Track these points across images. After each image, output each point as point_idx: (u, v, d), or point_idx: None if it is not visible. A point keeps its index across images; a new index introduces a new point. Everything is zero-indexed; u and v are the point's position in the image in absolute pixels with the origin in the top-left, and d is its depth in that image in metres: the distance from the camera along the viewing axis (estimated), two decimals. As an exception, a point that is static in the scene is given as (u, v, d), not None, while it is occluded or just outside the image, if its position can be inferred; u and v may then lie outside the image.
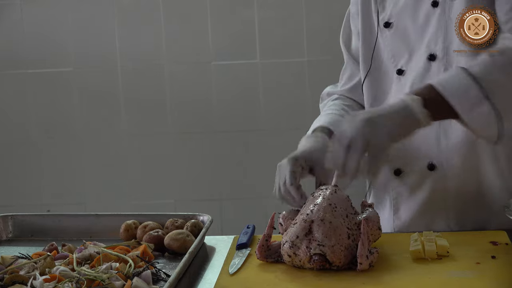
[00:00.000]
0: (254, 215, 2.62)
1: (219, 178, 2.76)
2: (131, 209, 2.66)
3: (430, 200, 1.42)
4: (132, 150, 2.75)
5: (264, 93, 2.71)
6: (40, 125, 2.76)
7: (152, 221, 1.41)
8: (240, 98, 2.72)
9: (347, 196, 1.26)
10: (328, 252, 1.16)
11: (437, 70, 1.36)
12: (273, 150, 2.74)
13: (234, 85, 2.71)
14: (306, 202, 1.27)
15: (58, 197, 2.78)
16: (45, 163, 2.77)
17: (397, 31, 1.41)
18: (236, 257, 1.26)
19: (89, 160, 2.76)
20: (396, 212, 1.46)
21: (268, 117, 2.72)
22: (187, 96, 2.72)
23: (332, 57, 2.58)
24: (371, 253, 1.18)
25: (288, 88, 2.69)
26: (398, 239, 1.31)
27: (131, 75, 2.71)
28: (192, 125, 2.74)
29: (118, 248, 1.30)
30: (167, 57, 2.70)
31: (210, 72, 2.71)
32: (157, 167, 2.76)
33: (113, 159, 2.76)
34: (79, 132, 2.75)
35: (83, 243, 1.33)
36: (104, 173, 2.77)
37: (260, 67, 2.69)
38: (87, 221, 1.47)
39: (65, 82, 2.72)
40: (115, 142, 2.75)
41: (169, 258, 1.33)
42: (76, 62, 2.71)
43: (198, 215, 1.44)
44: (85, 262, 1.24)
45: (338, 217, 1.20)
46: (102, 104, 2.73)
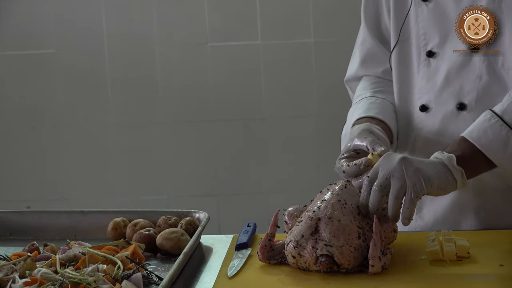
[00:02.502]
0: (255, 212, 2.63)
1: (216, 171, 2.76)
2: (120, 205, 2.66)
3: (457, 200, 1.42)
4: (121, 141, 2.75)
5: (266, 77, 2.70)
6: (19, 113, 2.76)
7: (143, 219, 1.41)
8: (239, 83, 2.71)
9: (358, 192, 1.26)
10: (336, 253, 1.16)
11: (479, 64, 1.37)
12: (276, 140, 2.75)
13: (232, 69, 2.70)
14: (313, 199, 1.26)
15: (39, 192, 2.78)
16: (25, 154, 2.77)
17: (436, 8, 1.40)
18: (235, 258, 1.26)
19: (74, 152, 2.76)
20: (419, 211, 1.47)
21: (271, 104, 2.72)
22: (181, 81, 2.72)
23: (341, 39, 2.57)
24: (384, 254, 1.18)
25: (293, 72, 2.68)
26: (414, 239, 1.31)
27: (119, 59, 2.71)
28: (186, 113, 2.74)
29: (106, 248, 1.29)
30: (158, 38, 2.70)
31: (205, 54, 2.70)
32: (148, 159, 2.77)
33: (100, 150, 2.76)
34: (63, 121, 2.75)
35: (67, 242, 1.33)
36: (90, 165, 2.77)
37: (261, 49, 2.69)
38: (71, 219, 1.46)
39: (47, 65, 2.72)
40: (102, 131, 2.75)
41: (161, 259, 1.32)
42: (59, 44, 2.71)
43: (194, 212, 1.44)
44: (69, 264, 1.24)
45: (347, 215, 1.19)
46: (88, 90, 2.73)
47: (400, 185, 1.18)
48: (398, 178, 1.18)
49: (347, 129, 1.45)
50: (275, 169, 2.74)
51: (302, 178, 2.72)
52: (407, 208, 1.18)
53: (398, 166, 1.18)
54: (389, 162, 1.20)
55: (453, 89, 1.40)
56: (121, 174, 2.76)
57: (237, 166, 2.75)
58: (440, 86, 1.41)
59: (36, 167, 2.78)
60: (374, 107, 1.45)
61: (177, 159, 2.75)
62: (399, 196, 1.19)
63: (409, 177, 1.18)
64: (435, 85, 1.42)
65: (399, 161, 1.19)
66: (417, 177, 1.18)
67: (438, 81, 1.41)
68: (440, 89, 1.41)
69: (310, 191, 1.45)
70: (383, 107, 1.45)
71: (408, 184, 1.18)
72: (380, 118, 1.41)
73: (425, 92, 1.44)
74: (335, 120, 2.66)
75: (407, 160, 1.20)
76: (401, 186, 1.18)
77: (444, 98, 1.41)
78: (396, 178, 1.18)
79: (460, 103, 1.39)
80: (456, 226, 1.43)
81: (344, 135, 1.48)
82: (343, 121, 1.52)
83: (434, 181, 1.19)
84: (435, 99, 1.42)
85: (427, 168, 1.20)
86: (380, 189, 1.19)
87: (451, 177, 1.22)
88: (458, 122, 1.40)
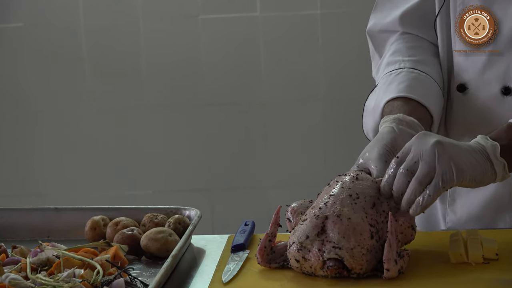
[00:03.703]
0: (254, 209, 2.63)
1: (209, 163, 2.76)
2: (99, 201, 2.66)
3: (495, 194, 1.43)
4: (100, 128, 2.75)
5: (265, 55, 2.70)
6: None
7: (125, 217, 1.41)
8: (235, 62, 2.71)
9: (373, 180, 1.25)
10: (346, 256, 1.16)
11: None
12: (277, 127, 2.75)
13: (227, 45, 2.70)
14: (320, 193, 1.26)
15: (8, 187, 2.78)
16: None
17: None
18: (231, 261, 1.26)
19: (47, 141, 2.76)
20: (452, 204, 1.47)
21: (271, 86, 2.71)
22: (168, 60, 2.71)
23: (352, 9, 2.57)
24: (401, 257, 1.18)
25: (296, 49, 2.68)
26: (434, 238, 1.31)
27: (98, 34, 2.70)
28: (175, 97, 2.73)
29: (83, 250, 1.30)
30: (142, 11, 2.69)
31: (197, 28, 2.69)
32: (131, 149, 2.77)
33: (77, 140, 2.76)
34: (34, 106, 2.75)
35: (38, 244, 1.33)
36: (65, 156, 2.77)
37: (260, 22, 2.68)
38: (44, 217, 1.46)
39: (14, 41, 2.71)
40: (78, 117, 2.75)
41: (147, 263, 1.33)
42: (28, 17, 2.70)
43: (183, 209, 1.44)
44: (41, 269, 1.24)
45: (359, 211, 1.19)
46: (62, 70, 2.73)
47: (427, 171, 1.17)
48: (427, 162, 1.17)
49: (376, 104, 1.40)
50: (277, 161, 2.75)
51: (307, 171, 2.72)
52: (429, 195, 1.17)
53: (430, 150, 1.17)
54: (421, 144, 1.18)
55: (498, 70, 1.40)
56: (101, 166, 2.76)
57: (233, 157, 2.75)
58: (482, 65, 1.40)
59: (5, 159, 2.78)
60: (417, 86, 1.40)
61: (165, 148, 2.76)
62: (423, 183, 1.17)
63: (440, 164, 1.17)
64: (475, 63, 1.41)
65: (432, 144, 1.18)
66: (449, 165, 1.17)
67: (480, 59, 1.41)
68: (482, 68, 1.40)
69: (316, 185, 1.45)
70: (427, 87, 1.42)
71: (437, 171, 1.17)
72: (422, 103, 1.38)
73: (464, 69, 1.42)
74: (346, 104, 2.67)
75: (442, 144, 1.18)
76: (428, 172, 1.17)
77: (487, 79, 1.40)
78: (425, 162, 1.17)
79: (506, 87, 1.39)
80: (492, 224, 1.43)
81: (368, 112, 1.44)
82: (355, 106, 1.51)
83: (467, 173, 1.18)
84: (475, 80, 1.41)
85: (463, 157, 1.18)
86: (406, 173, 1.18)
87: (491, 169, 1.21)
88: (503, 108, 1.39)
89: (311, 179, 2.64)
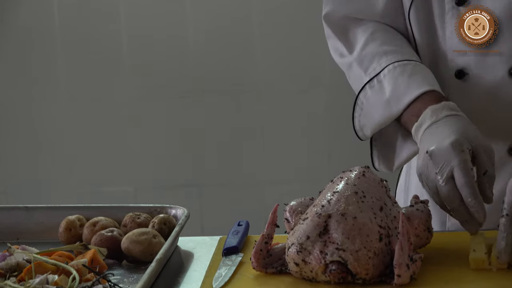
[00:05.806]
0: (247, 208, 2.64)
1: (198, 156, 2.76)
2: (75, 199, 2.67)
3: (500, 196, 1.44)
4: (75, 118, 2.75)
5: (260, 33, 2.70)
6: None
7: (104, 217, 1.42)
8: (227, 44, 2.71)
9: (380, 180, 1.26)
10: (350, 259, 1.17)
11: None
12: (274, 118, 2.76)
13: (219, 24, 2.70)
14: (322, 190, 1.27)
15: (-29, 184, 2.79)
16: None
17: None
18: (222, 266, 1.27)
19: (12, 131, 2.76)
20: None
21: (268, 71, 2.72)
22: (151, 40, 2.71)
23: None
24: (413, 261, 1.19)
25: (296, 26, 2.68)
26: (453, 240, 1.32)
27: (72, 12, 2.70)
28: (159, 83, 2.74)
29: (57, 254, 1.30)
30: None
31: (184, 5, 2.69)
32: (110, 141, 2.77)
33: (48, 131, 2.76)
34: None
35: (7, 247, 1.34)
36: (36, 150, 2.77)
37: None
38: (12, 217, 1.47)
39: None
40: (50, 106, 2.75)
41: (128, 268, 1.33)
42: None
43: (169, 208, 1.45)
44: (10, 274, 1.24)
45: (366, 211, 1.20)
46: (31, 53, 2.72)
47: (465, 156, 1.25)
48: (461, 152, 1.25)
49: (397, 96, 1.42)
50: (273, 154, 2.75)
51: (308, 166, 2.73)
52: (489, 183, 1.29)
53: None
54: None
55: (503, 49, 1.41)
56: (77, 161, 2.77)
57: (225, 151, 2.75)
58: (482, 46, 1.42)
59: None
60: (430, 77, 1.44)
61: (148, 141, 2.76)
62: None
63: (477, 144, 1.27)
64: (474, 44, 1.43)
65: None
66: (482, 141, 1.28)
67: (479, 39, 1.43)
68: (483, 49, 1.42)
69: (318, 181, 1.46)
70: (432, 76, 1.46)
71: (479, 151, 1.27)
72: (443, 94, 1.42)
73: (460, 53, 1.44)
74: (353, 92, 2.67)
75: None
76: None
77: (490, 61, 1.42)
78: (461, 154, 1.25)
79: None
80: None
81: (375, 105, 1.46)
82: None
83: None
84: (476, 63, 1.43)
85: None
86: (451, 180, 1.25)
87: None
88: None
89: (312, 175, 2.65)
